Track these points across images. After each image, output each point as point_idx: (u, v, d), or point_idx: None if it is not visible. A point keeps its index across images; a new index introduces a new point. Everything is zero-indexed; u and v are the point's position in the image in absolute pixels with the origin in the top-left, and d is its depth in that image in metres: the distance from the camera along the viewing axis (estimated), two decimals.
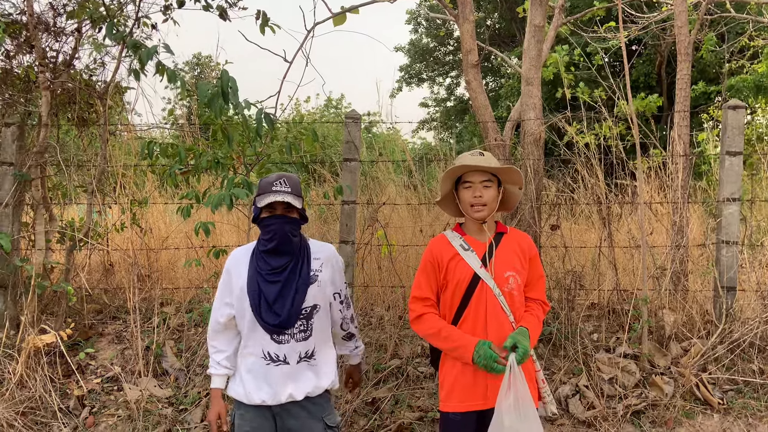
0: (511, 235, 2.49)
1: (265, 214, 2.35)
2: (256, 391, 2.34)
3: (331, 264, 2.48)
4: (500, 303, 2.36)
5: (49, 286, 4.32)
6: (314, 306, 2.40)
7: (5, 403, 3.78)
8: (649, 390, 3.84)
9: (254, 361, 2.36)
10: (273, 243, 2.34)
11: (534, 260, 2.48)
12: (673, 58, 11.58)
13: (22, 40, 4.70)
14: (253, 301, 2.33)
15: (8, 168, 4.47)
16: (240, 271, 2.40)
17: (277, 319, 2.31)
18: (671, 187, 4.52)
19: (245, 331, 2.38)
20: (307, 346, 2.38)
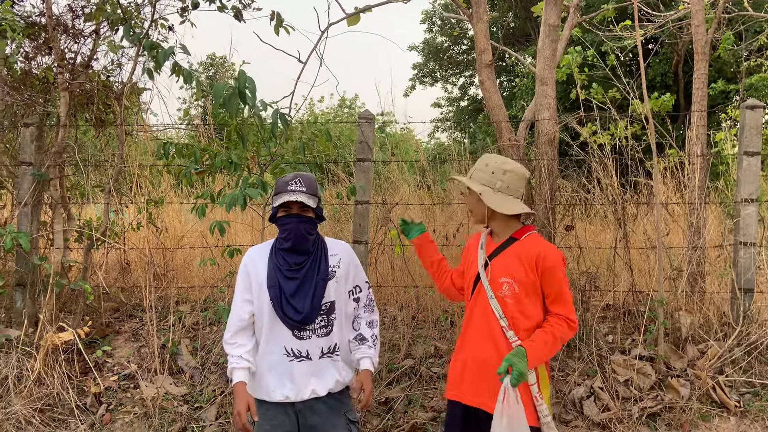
0: (524, 243, 2.41)
1: (281, 214, 2.38)
2: (279, 388, 2.35)
3: (347, 260, 2.51)
4: (492, 306, 2.37)
5: (67, 284, 4.37)
6: (333, 302, 2.42)
7: (23, 399, 3.83)
8: (665, 392, 3.81)
9: (276, 359, 2.37)
10: (289, 242, 2.37)
11: (549, 273, 2.34)
12: (691, 57, 11.45)
13: (41, 42, 4.76)
14: (273, 295, 2.35)
15: (27, 168, 4.53)
16: (258, 268, 2.42)
17: (298, 314, 2.33)
18: (688, 188, 4.48)
19: (265, 327, 2.38)
20: (329, 341, 2.40)
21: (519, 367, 2.19)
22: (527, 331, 2.35)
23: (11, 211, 4.90)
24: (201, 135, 6.10)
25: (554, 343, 2.31)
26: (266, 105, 3.49)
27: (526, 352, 2.24)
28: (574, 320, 2.38)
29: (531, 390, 2.31)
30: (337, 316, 2.43)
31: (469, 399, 2.40)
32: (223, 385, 4.10)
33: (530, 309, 2.37)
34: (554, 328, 2.32)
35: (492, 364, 2.31)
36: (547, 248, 2.38)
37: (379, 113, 13.88)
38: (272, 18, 4.36)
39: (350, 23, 4.52)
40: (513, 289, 2.35)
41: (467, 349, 2.45)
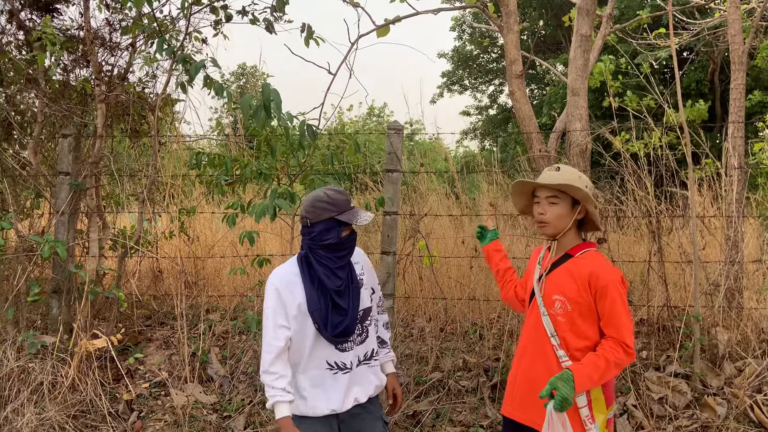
0: (580, 260, 2.30)
1: (347, 232, 2.34)
2: (324, 402, 2.34)
3: (368, 266, 2.54)
4: (544, 324, 2.29)
5: (102, 292, 4.46)
6: (367, 309, 2.44)
7: (58, 406, 3.91)
8: (700, 411, 3.71)
9: (318, 374, 2.35)
10: (347, 258, 2.38)
11: (602, 293, 2.20)
12: (727, 65, 11.21)
13: (79, 55, 4.90)
14: (319, 317, 2.31)
15: (65, 177, 4.64)
16: (294, 292, 2.34)
17: (339, 329, 2.33)
18: (725, 200, 4.36)
19: (308, 347, 2.34)
20: (365, 348, 2.42)
21: (563, 392, 2.07)
22: (580, 351, 2.23)
23: (49, 220, 5.02)
24: (231, 145, 6.19)
25: (607, 368, 2.15)
26: (292, 117, 3.52)
27: (574, 375, 2.10)
28: (630, 345, 2.19)
29: (580, 413, 2.19)
30: (370, 322, 2.45)
31: (519, 416, 2.34)
32: (252, 395, 4.12)
33: (584, 329, 2.25)
34: (607, 353, 2.17)
35: (541, 382, 2.22)
36: (601, 267, 2.24)
37: (407, 122, 13.89)
38: (303, 30, 4.41)
39: (380, 35, 4.54)
40: (565, 308, 2.25)
41: (520, 365, 2.38)
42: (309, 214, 2.33)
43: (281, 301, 2.33)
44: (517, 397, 2.36)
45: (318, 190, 2.39)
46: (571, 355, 2.24)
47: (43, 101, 4.75)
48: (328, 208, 2.30)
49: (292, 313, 2.33)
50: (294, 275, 2.37)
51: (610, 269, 2.25)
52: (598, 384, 2.20)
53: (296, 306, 2.32)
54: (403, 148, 4.63)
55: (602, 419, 2.24)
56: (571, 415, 2.17)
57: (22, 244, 4.54)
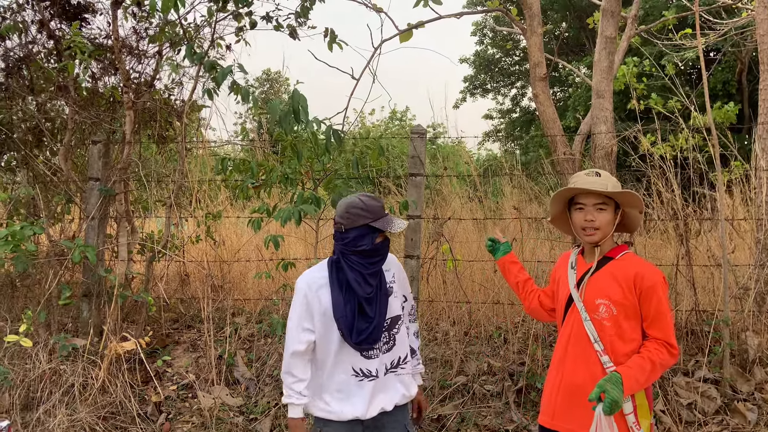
0: (621, 262, 2.29)
1: (380, 239, 2.36)
2: (348, 408, 2.35)
3: (399, 273, 2.53)
4: (586, 329, 2.26)
5: (131, 295, 4.54)
6: (396, 317, 2.43)
7: (88, 407, 3.98)
8: (730, 417, 3.64)
9: (344, 379, 2.36)
10: (381, 263, 2.39)
11: (648, 293, 2.19)
12: (755, 65, 11.01)
13: (107, 63, 5.00)
14: (344, 324, 2.32)
15: (95, 183, 4.74)
16: (321, 297, 2.37)
17: (363, 335, 2.33)
18: (755, 203, 4.29)
19: (333, 352, 2.36)
20: (392, 356, 2.42)
21: (612, 394, 2.04)
22: (626, 356, 2.21)
23: (79, 225, 5.13)
24: (257, 150, 6.26)
25: (653, 370, 2.15)
26: (319, 122, 3.56)
27: (622, 378, 2.08)
28: (674, 345, 2.20)
29: (627, 420, 2.17)
30: (399, 330, 2.44)
31: (561, 425, 2.30)
32: (278, 398, 4.15)
33: (629, 333, 2.23)
34: (652, 354, 2.16)
35: (585, 389, 2.19)
36: (645, 268, 2.24)
37: (429, 125, 13.88)
38: (326, 35, 4.45)
39: (402, 39, 4.56)
40: (611, 311, 2.23)
41: (560, 373, 2.34)
42: (344, 220, 2.34)
43: (308, 303, 2.36)
44: (558, 406, 2.31)
45: (352, 196, 2.39)
46: (615, 360, 2.21)
47: (73, 108, 4.86)
48: (362, 214, 2.31)
49: (317, 317, 2.35)
50: (323, 279, 2.39)
51: (654, 269, 2.25)
52: (644, 386, 2.19)
53: (322, 310, 2.34)
54: (425, 152, 4.64)
55: (647, 425, 2.23)
56: (618, 421, 2.15)
57: (54, 248, 4.65)
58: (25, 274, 4.64)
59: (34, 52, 5.01)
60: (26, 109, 5.36)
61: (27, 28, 4.94)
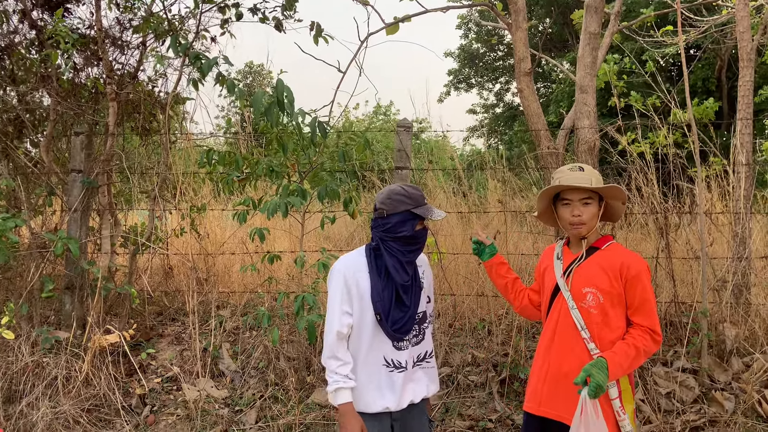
0: (607, 252, 2.36)
1: (420, 227, 2.38)
2: (379, 399, 2.36)
3: (428, 273, 2.57)
4: (573, 317, 2.32)
5: (114, 288, 4.51)
6: (424, 312, 2.47)
7: (72, 400, 3.96)
8: (708, 406, 3.73)
9: (375, 369, 2.37)
10: (419, 252, 2.42)
11: (633, 282, 2.27)
12: (734, 62, 11.19)
13: (90, 54, 4.95)
14: (381, 308, 2.34)
15: (77, 175, 4.69)
16: (360, 280, 2.38)
17: (398, 324, 2.36)
18: (733, 197, 4.38)
19: (366, 340, 2.37)
20: (420, 350, 2.45)
21: (598, 378, 2.10)
22: (611, 343, 2.27)
23: (61, 217, 5.08)
24: (240, 143, 6.24)
25: (637, 356, 2.21)
26: (304, 113, 3.56)
27: (607, 363, 2.15)
28: (658, 332, 2.27)
29: (613, 404, 2.24)
30: (428, 325, 2.49)
31: (547, 411, 2.35)
32: (263, 389, 4.17)
33: (615, 320, 2.30)
34: (636, 340, 2.23)
35: (572, 376, 2.25)
36: (630, 257, 2.31)
37: (414, 120, 13.89)
38: (312, 28, 4.45)
39: (389, 32, 4.57)
40: (598, 299, 2.29)
41: (547, 361, 2.39)
42: (386, 206, 2.38)
43: (347, 287, 2.37)
44: (545, 393, 2.36)
45: (394, 184, 2.43)
46: (602, 348, 2.27)
47: (55, 99, 4.81)
48: (405, 200, 2.35)
49: (356, 301, 2.36)
50: (361, 263, 2.41)
51: (639, 258, 2.32)
52: (628, 372, 2.25)
53: (360, 294, 2.36)
54: (411, 146, 4.66)
55: (630, 409, 2.30)
56: (604, 406, 2.22)
57: (35, 240, 4.60)
58: (6, 267, 4.59)
59: (15, 42, 4.93)
60: (6, 100, 5.29)
61: (8, 18, 4.86)
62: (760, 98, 9.79)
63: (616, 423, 2.26)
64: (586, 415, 2.09)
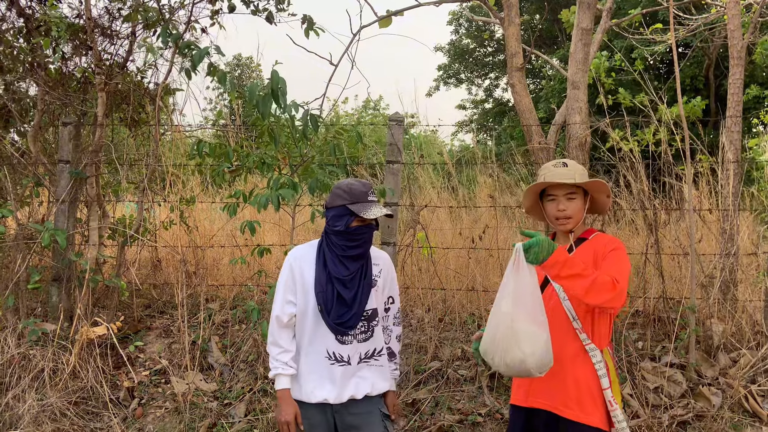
0: (593, 241, 2.40)
1: (357, 223, 2.35)
2: (318, 390, 2.38)
3: (387, 271, 2.54)
4: (565, 308, 2.33)
5: (102, 280, 4.47)
6: (375, 309, 2.45)
7: (59, 392, 3.93)
8: (695, 401, 3.77)
9: (316, 360, 2.39)
10: (360, 250, 2.38)
11: (610, 254, 2.27)
12: (722, 60, 11.27)
13: (79, 43, 4.88)
14: (322, 300, 2.36)
15: (65, 166, 4.64)
16: (304, 270, 2.41)
17: (342, 319, 2.36)
18: (721, 194, 4.42)
19: (308, 330, 2.40)
20: (368, 346, 2.43)
21: (540, 238, 2.06)
22: (603, 336, 2.30)
23: (48, 208, 5.02)
24: (229, 135, 6.19)
25: (588, 277, 2.09)
26: (297, 106, 3.54)
27: (556, 251, 2.08)
28: (620, 282, 2.14)
29: (604, 395, 2.25)
30: (378, 323, 2.46)
31: (541, 402, 2.34)
32: (252, 383, 4.15)
33: (602, 316, 2.31)
34: (596, 273, 2.12)
35: (564, 366, 2.25)
36: (612, 240, 2.37)
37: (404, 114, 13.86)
38: (304, 21, 4.41)
39: (382, 25, 4.55)
40: None
41: None
42: (328, 198, 2.41)
43: (292, 276, 2.42)
44: (535, 384, 2.36)
45: (348, 179, 2.42)
46: (593, 337, 2.29)
47: (43, 89, 4.74)
48: (342, 195, 2.35)
49: (300, 291, 2.40)
50: (310, 254, 2.44)
51: (620, 241, 2.37)
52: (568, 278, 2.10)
53: (303, 284, 2.39)
54: (402, 140, 4.65)
55: (619, 400, 2.31)
56: (597, 397, 2.24)
57: (22, 232, 4.54)
58: None
59: (2, 30, 4.86)
60: None
61: None
62: (747, 97, 9.89)
63: (608, 413, 2.27)
64: (519, 268, 2.08)
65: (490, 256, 5.07)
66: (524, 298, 2.09)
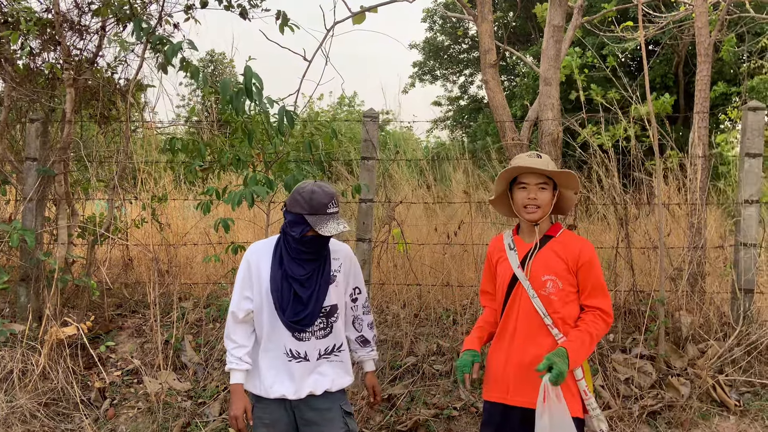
0: (561, 240, 2.42)
1: (312, 234, 2.32)
2: (277, 385, 2.38)
3: (348, 264, 2.53)
4: (534, 305, 2.35)
5: (71, 279, 4.39)
6: (334, 306, 2.44)
7: (28, 394, 3.85)
8: (665, 391, 3.85)
9: (275, 356, 2.40)
10: (314, 256, 2.38)
11: (585, 268, 2.36)
12: (691, 58, 11.50)
13: (47, 38, 4.77)
14: (276, 299, 2.36)
15: (32, 163, 4.54)
16: (261, 267, 2.41)
17: (298, 317, 2.36)
18: (689, 189, 4.51)
19: (265, 326, 2.40)
20: (328, 343, 2.43)
21: (560, 366, 2.16)
22: (573, 323, 2.35)
23: (15, 207, 4.91)
24: (203, 132, 6.12)
25: (591, 342, 2.30)
26: (272, 102, 3.51)
27: (567, 352, 2.22)
28: (610, 313, 2.35)
29: (579, 385, 2.32)
30: (337, 319, 2.45)
31: (516, 399, 2.36)
32: (227, 381, 4.11)
33: (573, 305, 2.38)
34: (589, 326, 2.31)
35: (538, 363, 2.27)
36: (583, 243, 2.41)
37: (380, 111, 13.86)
38: (278, 17, 4.38)
39: (356, 21, 4.54)
40: (557, 286, 2.35)
41: (509, 351, 2.40)
42: (288, 200, 2.38)
43: (250, 272, 2.42)
44: (512, 382, 2.38)
45: (313, 184, 2.36)
46: (565, 332, 2.33)
47: (9, 85, 4.63)
48: (302, 203, 2.31)
49: (256, 287, 2.40)
50: (267, 251, 2.44)
51: (589, 244, 2.42)
52: (585, 358, 2.33)
53: (260, 281, 2.40)
54: (378, 136, 4.66)
55: (592, 389, 2.39)
56: (571, 387, 2.30)
57: None
58: None
59: None
60: None
61: None
62: (714, 93, 10.10)
63: (583, 402, 2.33)
64: (550, 400, 2.15)
65: (465, 251, 5.11)
66: (560, 427, 2.16)
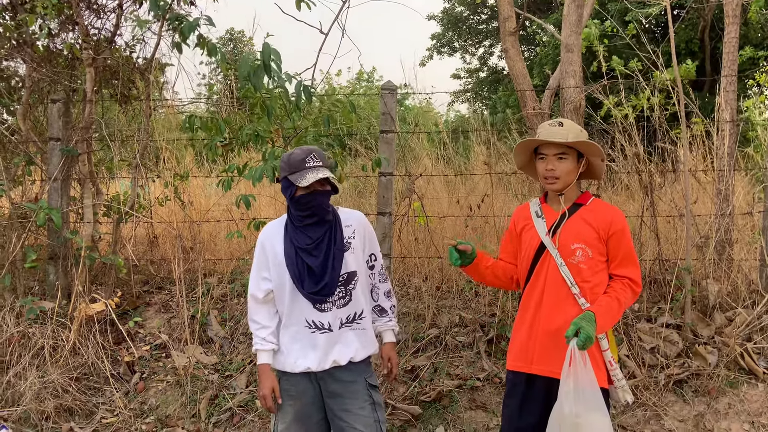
0: (591, 208, 2.38)
1: (301, 192, 2.34)
2: (301, 359, 2.41)
3: (362, 230, 2.53)
4: (562, 274, 2.32)
5: (98, 257, 4.46)
6: (352, 272, 2.45)
7: (60, 369, 3.95)
8: (691, 360, 3.81)
9: (298, 330, 2.42)
10: (312, 219, 2.39)
11: (616, 237, 2.32)
12: (718, 22, 11.15)
13: (65, 18, 4.79)
14: (293, 272, 2.38)
15: (55, 143, 4.60)
16: (275, 245, 2.44)
17: (317, 287, 2.37)
18: (717, 155, 4.40)
19: (286, 302, 2.42)
20: (348, 311, 2.44)
21: (588, 330, 2.14)
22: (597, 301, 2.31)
23: (41, 187, 4.99)
24: (222, 109, 6.13)
25: (619, 309, 2.28)
26: (290, 77, 3.49)
27: (595, 316, 2.20)
28: (639, 283, 2.34)
29: (604, 356, 2.30)
30: (355, 286, 2.46)
31: (541, 368, 2.35)
32: (252, 355, 4.18)
33: (602, 274, 2.35)
34: (619, 294, 2.29)
35: (564, 332, 2.25)
36: (614, 212, 2.37)
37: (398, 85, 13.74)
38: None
39: None
40: (587, 254, 2.31)
41: (537, 319, 2.38)
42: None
43: (265, 253, 2.45)
44: (537, 351, 2.36)
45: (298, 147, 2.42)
46: (592, 301, 2.31)
47: (31, 66, 4.67)
48: (283, 167, 2.37)
49: (273, 266, 2.43)
50: (278, 229, 2.47)
51: (621, 213, 2.38)
52: (612, 324, 2.31)
53: (276, 259, 2.42)
54: (396, 110, 4.61)
55: (617, 360, 2.37)
56: (597, 358, 2.28)
57: (16, 211, 4.52)
58: None
59: None
60: None
61: None
62: (742, 58, 9.79)
63: (608, 373, 2.31)
64: (575, 365, 2.13)
65: (486, 224, 5.07)
66: (585, 392, 2.13)
